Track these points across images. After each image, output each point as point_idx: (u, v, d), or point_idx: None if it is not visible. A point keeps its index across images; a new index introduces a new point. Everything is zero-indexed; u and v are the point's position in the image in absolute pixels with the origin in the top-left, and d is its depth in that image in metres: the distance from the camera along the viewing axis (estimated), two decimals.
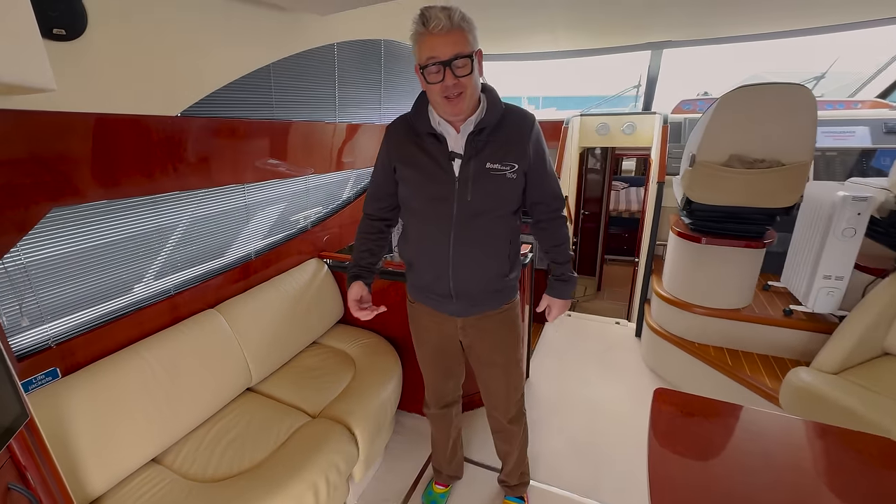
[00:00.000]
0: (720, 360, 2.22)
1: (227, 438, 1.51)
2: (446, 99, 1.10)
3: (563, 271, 1.37)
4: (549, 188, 1.29)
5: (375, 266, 1.42)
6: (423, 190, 1.24)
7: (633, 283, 3.94)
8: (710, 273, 2.32)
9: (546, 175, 1.26)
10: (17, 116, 1.04)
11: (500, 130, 1.19)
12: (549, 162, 1.28)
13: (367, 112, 2.45)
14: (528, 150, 1.19)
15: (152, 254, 1.55)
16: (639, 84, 4.23)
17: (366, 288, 1.36)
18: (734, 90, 1.91)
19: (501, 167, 1.18)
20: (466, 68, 1.07)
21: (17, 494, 0.92)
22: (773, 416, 1.18)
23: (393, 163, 1.27)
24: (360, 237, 1.41)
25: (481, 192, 1.18)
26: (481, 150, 1.17)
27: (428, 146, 1.20)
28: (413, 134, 1.23)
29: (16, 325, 1.19)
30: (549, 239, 1.35)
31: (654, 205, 2.86)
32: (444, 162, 1.19)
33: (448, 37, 1.04)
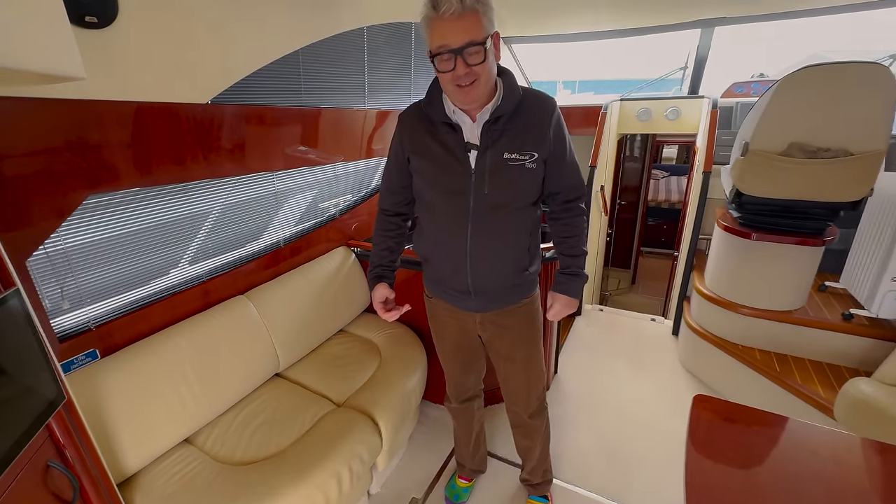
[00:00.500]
0: (767, 365, 2.07)
1: (255, 423, 1.54)
2: (458, 87, 1.03)
3: (572, 264, 1.29)
4: (568, 178, 1.21)
5: (396, 263, 1.38)
6: (438, 183, 1.18)
7: (670, 279, 3.74)
8: (760, 271, 2.14)
9: (565, 164, 1.19)
10: (53, 105, 1.07)
11: (518, 118, 1.11)
12: (571, 150, 1.20)
13: (397, 98, 2.40)
14: (549, 136, 1.12)
15: (185, 240, 1.58)
16: (685, 66, 3.95)
17: (390, 289, 1.32)
18: (799, 70, 1.72)
19: (520, 157, 1.11)
20: (479, 56, 0.98)
21: (56, 472, 0.96)
22: (828, 431, 1.07)
23: (406, 154, 1.21)
24: (378, 234, 1.37)
25: (499, 185, 1.12)
26: (498, 140, 1.11)
27: (443, 136, 1.14)
28: (427, 123, 1.16)
29: (57, 308, 1.24)
30: (562, 230, 1.28)
31: (699, 196, 2.68)
32: (459, 153, 1.12)
33: (459, 22, 0.95)
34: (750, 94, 3.28)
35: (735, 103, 2.99)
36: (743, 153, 1.91)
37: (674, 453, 1.93)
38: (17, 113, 1.02)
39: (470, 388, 1.57)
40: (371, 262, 1.37)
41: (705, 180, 2.63)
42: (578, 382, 2.45)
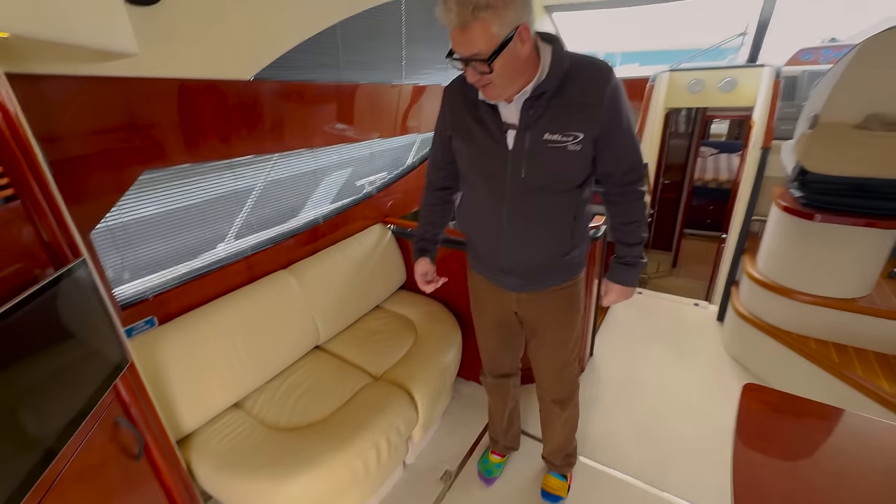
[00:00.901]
0: (823, 356, 1.94)
1: (298, 391, 1.61)
2: (481, 87, 0.99)
3: (628, 254, 1.21)
4: (624, 158, 1.10)
5: (439, 237, 1.38)
6: (476, 164, 1.15)
7: (716, 262, 3.55)
8: (822, 255, 1.98)
9: (622, 143, 1.08)
10: (108, 83, 1.11)
11: (565, 92, 1.01)
12: (630, 126, 1.07)
13: (433, 73, 2.34)
14: (601, 112, 1.01)
15: (231, 216, 1.64)
16: (745, 32, 3.63)
17: (431, 263, 1.35)
18: (884, 33, 1.53)
19: (562, 139, 1.03)
20: (485, 68, 0.93)
21: (123, 428, 1.04)
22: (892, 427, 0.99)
23: (448, 132, 1.19)
24: (424, 207, 1.37)
25: (537, 168, 1.06)
26: (539, 119, 1.03)
27: (482, 115, 1.09)
28: (468, 101, 1.12)
29: (119, 278, 1.32)
30: (618, 215, 1.20)
31: (754, 175, 2.49)
32: (496, 134, 1.07)
33: (464, 34, 0.89)
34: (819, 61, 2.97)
35: (801, 72, 2.72)
36: (811, 126, 1.74)
37: (715, 442, 1.87)
38: (76, 91, 1.07)
39: (506, 365, 1.56)
40: (416, 234, 1.39)
41: (763, 157, 2.44)
42: (614, 365, 2.40)
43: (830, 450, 0.97)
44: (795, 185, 2.01)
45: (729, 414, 1.99)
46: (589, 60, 1.03)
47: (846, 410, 1.04)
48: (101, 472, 0.95)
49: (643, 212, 1.18)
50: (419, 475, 1.77)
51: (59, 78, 1.01)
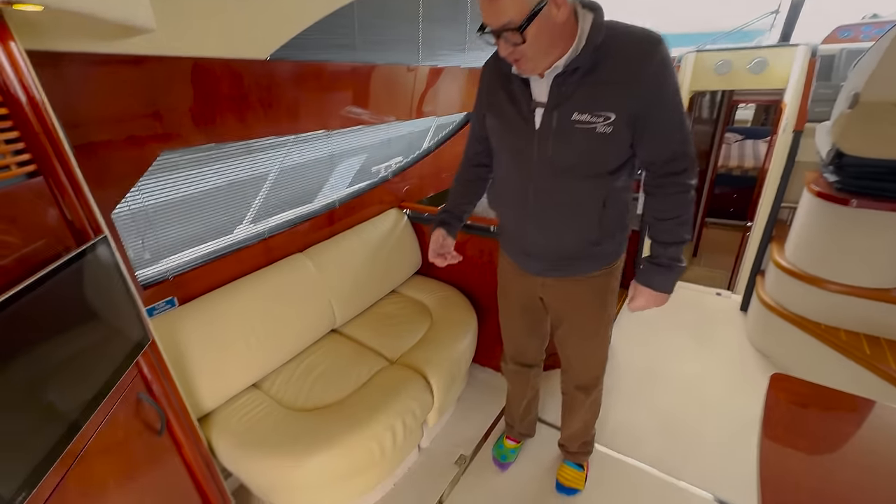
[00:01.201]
0: (854, 348, 1.86)
1: (315, 373, 1.62)
2: (513, 61, 0.94)
3: (662, 254, 1.08)
4: (667, 146, 0.99)
5: (465, 214, 1.35)
6: (504, 141, 1.12)
7: (740, 251, 3.44)
8: (857, 243, 1.89)
9: (664, 127, 0.97)
10: (128, 62, 1.10)
11: (602, 67, 0.93)
12: (676, 109, 0.97)
13: (451, 55, 2.29)
14: (639, 91, 0.92)
15: (249, 198, 1.64)
16: (777, 10, 3.45)
17: (447, 235, 1.30)
18: None
19: (591, 119, 0.95)
20: (517, 38, 0.88)
21: (145, 404, 1.05)
22: None
23: (483, 109, 1.16)
24: (455, 181, 1.36)
25: (563, 149, 1.01)
26: (570, 97, 0.96)
27: (515, 90, 1.05)
28: (502, 75, 1.07)
29: (140, 258, 1.34)
30: (655, 208, 1.07)
31: (785, 159, 2.38)
32: (525, 111, 1.03)
33: (493, 3, 0.85)
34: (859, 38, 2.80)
35: (839, 50, 2.58)
36: (850, 106, 1.65)
37: (737, 433, 1.83)
38: (96, 69, 1.06)
39: (529, 353, 1.53)
40: (443, 207, 1.37)
41: (795, 140, 2.32)
42: (634, 354, 2.35)
43: (862, 443, 0.93)
44: (830, 169, 1.92)
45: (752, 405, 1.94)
46: (633, 33, 0.93)
47: (878, 402, 1.00)
48: (125, 445, 0.98)
49: (686, 207, 1.04)
50: (434, 459, 1.78)
51: (78, 55, 1.01)
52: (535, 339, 1.50)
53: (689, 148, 1.00)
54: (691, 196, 1.04)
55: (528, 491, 1.64)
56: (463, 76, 2.44)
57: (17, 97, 0.77)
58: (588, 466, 1.68)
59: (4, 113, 0.76)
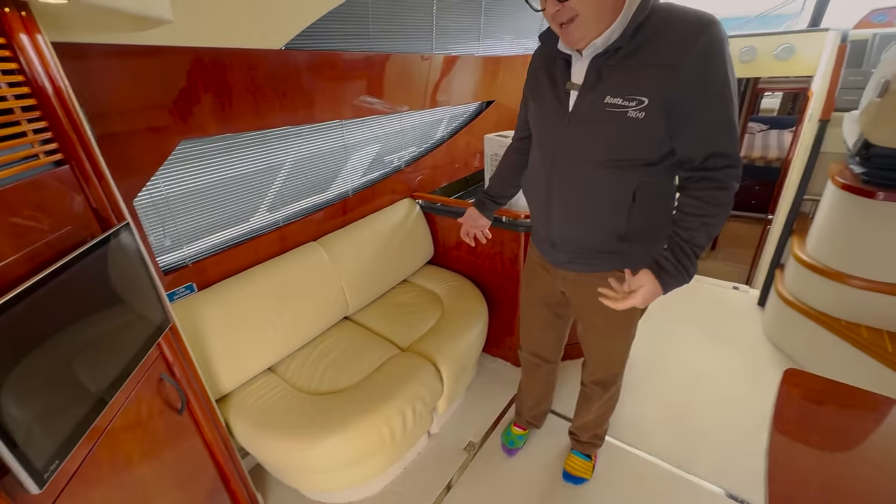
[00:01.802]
0: (876, 345, 1.81)
1: (328, 359, 1.66)
2: (560, 26, 0.90)
3: (682, 253, 0.94)
4: (707, 140, 0.89)
5: (504, 197, 1.39)
6: (539, 124, 1.11)
7: (760, 244, 3.36)
8: (883, 237, 1.83)
9: (705, 119, 0.88)
10: (147, 53, 1.13)
11: (644, 48, 0.87)
12: (723, 99, 0.86)
13: (465, 43, 2.27)
14: (676, 76, 0.84)
15: (265, 188, 1.67)
16: None
17: (481, 215, 1.38)
18: None
19: (624, 102, 0.89)
20: None
21: (167, 384, 1.10)
22: None
23: (527, 93, 1.16)
24: (498, 165, 1.38)
25: (590, 133, 0.98)
26: (607, 79, 0.91)
27: (556, 72, 1.03)
28: (548, 58, 1.05)
29: (160, 245, 1.39)
30: (686, 204, 0.95)
31: (810, 150, 2.30)
32: (561, 93, 1.01)
33: None
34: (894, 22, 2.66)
35: (872, 35, 2.46)
36: (880, 94, 1.58)
37: (750, 428, 1.81)
38: (116, 60, 1.10)
39: (546, 348, 1.52)
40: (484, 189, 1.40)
41: (821, 130, 2.24)
42: (649, 347, 2.34)
43: (877, 440, 0.91)
44: (857, 161, 1.85)
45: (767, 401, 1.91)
46: (684, 12, 0.85)
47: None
48: (148, 423, 1.03)
49: (719, 207, 0.91)
50: (443, 445, 1.81)
51: (100, 47, 1.04)
52: (553, 334, 1.48)
53: (732, 147, 0.89)
54: (727, 197, 0.91)
55: (536, 478, 1.66)
56: (477, 65, 2.42)
57: (44, 88, 0.81)
58: (596, 457, 1.69)
59: (33, 104, 0.80)
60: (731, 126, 0.88)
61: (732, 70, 0.87)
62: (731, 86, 0.87)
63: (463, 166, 2.70)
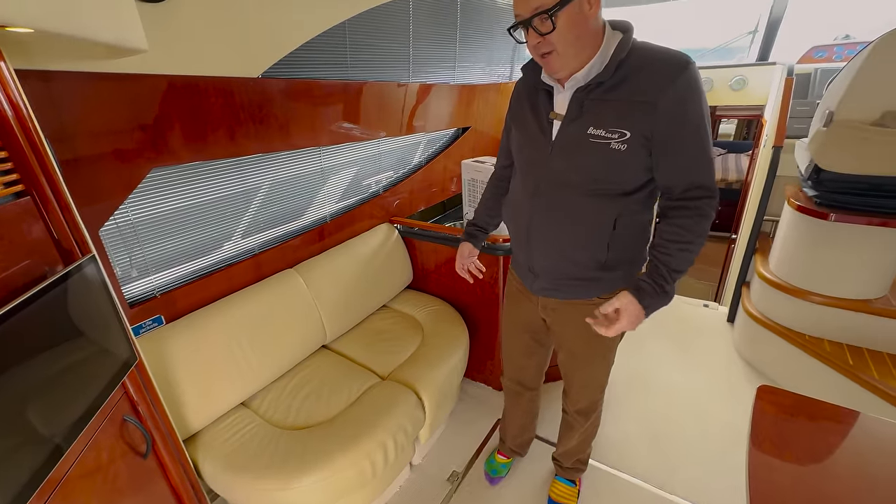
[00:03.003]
0: (838, 358, 1.90)
1: (304, 391, 1.60)
2: (540, 56, 0.95)
3: (659, 276, 0.99)
4: (686, 173, 0.94)
5: (490, 226, 1.41)
6: (521, 153, 1.14)
7: (726, 262, 3.51)
8: (837, 256, 1.95)
9: (683, 153, 0.93)
10: (119, 80, 1.11)
11: (625, 85, 0.92)
12: (700, 135, 0.92)
13: (441, 72, 2.33)
14: (659, 113, 0.89)
15: (239, 214, 1.63)
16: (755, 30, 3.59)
17: (473, 248, 1.40)
18: None
19: (606, 134, 0.94)
20: (548, 25, 0.88)
21: (131, 426, 1.03)
22: None
23: (510, 121, 1.19)
24: (483, 195, 1.41)
25: (573, 163, 1.01)
26: (589, 111, 0.96)
27: (539, 103, 1.07)
28: (530, 88, 1.10)
29: (127, 276, 1.32)
30: (666, 231, 0.99)
31: (766, 174, 2.45)
32: (544, 122, 1.05)
33: None
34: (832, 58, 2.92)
35: (814, 69, 2.68)
36: (826, 124, 1.71)
37: (726, 444, 1.84)
38: (86, 88, 1.07)
39: (527, 375, 1.52)
40: (470, 219, 1.42)
41: (775, 155, 2.40)
42: (625, 367, 2.37)
43: (847, 454, 0.95)
44: (809, 184, 1.98)
45: (740, 416, 1.96)
46: (662, 52, 0.92)
47: (862, 413, 1.02)
48: (109, 470, 0.95)
49: (699, 236, 0.96)
50: (426, 476, 1.75)
51: (68, 74, 1.01)
52: (534, 361, 1.48)
53: (709, 179, 0.95)
54: (704, 226, 0.97)
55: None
56: (452, 92, 2.48)
57: (5, 116, 0.77)
58: (580, 483, 1.67)
59: None
60: (707, 160, 0.94)
61: (707, 107, 0.93)
62: (706, 122, 0.92)
63: (440, 191, 2.72)
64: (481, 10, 2.40)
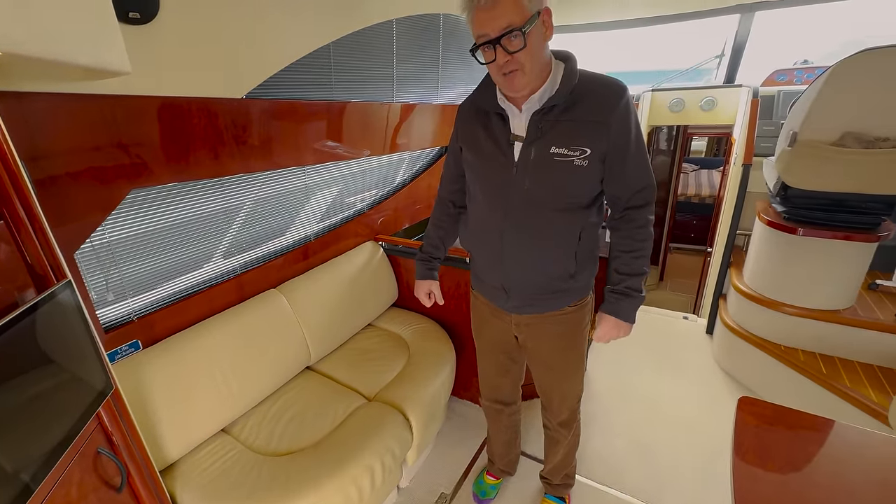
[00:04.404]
0: (811, 367, 1.97)
1: (288, 414, 1.56)
2: (504, 75, 0.99)
3: (621, 282, 1.13)
4: (630, 180, 1.07)
5: (443, 251, 1.40)
6: (482, 175, 1.16)
7: (702, 275, 3.62)
8: (806, 268, 2.04)
9: (627, 163, 1.05)
10: (99, 101, 1.09)
11: (576, 107, 1.01)
12: (638, 147, 1.05)
13: (424, 92, 2.38)
14: (609, 131, 1.00)
15: (220, 234, 1.60)
16: (721, 54, 3.78)
17: (434, 279, 1.38)
18: (856, 55, 1.61)
19: (569, 152, 1.02)
20: (519, 42, 0.91)
21: (105, 458, 0.98)
22: (890, 439, 1.01)
23: (459, 143, 1.20)
24: (433, 223, 1.38)
25: (541, 181, 1.05)
26: (548, 132, 1.02)
27: (493, 126, 1.10)
28: (481, 113, 1.13)
29: (102, 299, 1.28)
30: (619, 243, 1.13)
31: (737, 190, 2.56)
32: (504, 145, 1.08)
33: (495, 9, 0.89)
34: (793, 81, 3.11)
35: (777, 92, 2.84)
36: (790, 144, 1.81)
37: (711, 455, 1.87)
38: (65, 109, 1.04)
39: (504, 392, 1.53)
40: (422, 249, 1.39)
41: (745, 173, 2.51)
42: (609, 381, 2.39)
43: (826, 462, 0.98)
44: (778, 200, 2.08)
45: (723, 426, 2.00)
46: (603, 79, 1.03)
47: (837, 422, 1.05)
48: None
49: (647, 241, 1.12)
50: (414, 499, 1.72)
51: (46, 95, 0.99)
52: (509, 378, 1.49)
53: (651, 184, 1.09)
54: (650, 231, 1.12)
55: None
56: (435, 112, 2.53)
57: None
58: (570, 499, 1.67)
59: None
60: (647, 169, 1.09)
61: (639, 123, 1.09)
62: (642, 136, 1.07)
63: (425, 207, 2.74)
64: (462, 32, 2.47)
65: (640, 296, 1.13)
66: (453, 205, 1.34)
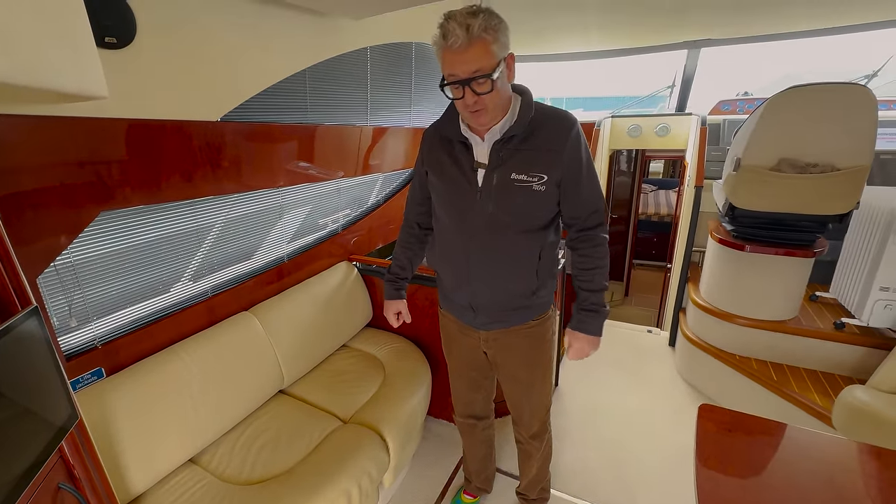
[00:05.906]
0: (764, 375, 2.11)
1: (260, 441, 1.52)
2: (470, 112, 1.06)
3: (587, 299, 1.21)
4: (586, 203, 1.16)
5: (411, 275, 1.43)
6: (447, 199, 1.21)
7: (664, 290, 3.81)
8: (754, 282, 2.20)
9: (581, 187, 1.13)
10: (70, 123, 1.07)
11: (533, 137, 1.10)
12: (589, 172, 1.15)
13: (397, 115, 2.44)
14: (562, 158, 1.09)
15: (190, 254, 1.57)
16: (673, 84, 4.10)
17: (403, 301, 1.40)
18: (786, 91, 1.81)
19: (528, 178, 1.10)
20: (486, 85, 0.98)
21: (66, 494, 0.93)
22: (833, 439, 1.11)
23: (425, 167, 1.26)
24: (400, 244, 1.41)
25: (504, 205, 1.13)
26: (508, 160, 1.10)
27: (457, 154, 1.17)
28: (445, 140, 1.20)
29: (65, 326, 1.22)
30: (579, 262, 1.21)
31: (691, 210, 2.75)
32: (468, 171, 1.15)
33: (466, 53, 0.95)
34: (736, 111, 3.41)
35: (722, 120, 3.11)
36: (735, 168, 1.98)
37: (677, 462, 1.95)
38: (36, 131, 1.02)
39: (476, 407, 1.56)
40: (390, 270, 1.42)
41: (697, 195, 2.71)
42: (579, 395, 2.46)
43: (780, 464, 1.05)
44: (727, 220, 2.25)
45: (687, 434, 2.09)
46: (555, 111, 1.13)
47: (788, 425, 1.14)
48: None
49: (605, 258, 1.20)
50: None
51: (15, 117, 0.97)
52: (481, 393, 1.53)
53: (602, 205, 1.19)
54: (606, 248, 1.21)
55: None
56: (408, 135, 2.59)
57: None
58: None
59: None
60: (598, 191, 1.18)
61: (589, 152, 1.16)
62: (592, 162, 1.16)
63: (398, 227, 2.75)
64: (433, 59, 2.56)
65: (605, 310, 1.22)
66: (419, 226, 1.39)
